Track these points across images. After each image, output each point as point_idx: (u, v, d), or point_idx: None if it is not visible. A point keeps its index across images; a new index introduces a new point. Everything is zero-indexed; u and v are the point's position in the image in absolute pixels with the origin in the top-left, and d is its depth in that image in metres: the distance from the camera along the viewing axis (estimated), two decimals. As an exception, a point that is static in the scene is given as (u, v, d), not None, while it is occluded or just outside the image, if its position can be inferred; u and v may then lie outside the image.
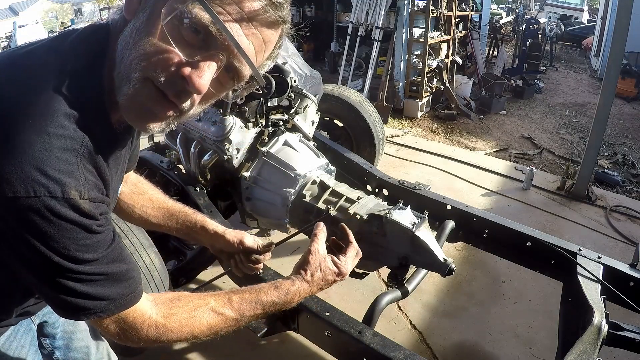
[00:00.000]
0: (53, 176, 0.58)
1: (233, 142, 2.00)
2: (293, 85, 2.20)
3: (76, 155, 0.62)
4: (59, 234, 0.60)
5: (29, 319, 1.02)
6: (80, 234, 0.63)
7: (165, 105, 0.65)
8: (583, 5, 16.54)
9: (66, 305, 0.67)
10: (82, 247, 0.64)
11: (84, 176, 0.63)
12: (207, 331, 0.82)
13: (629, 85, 7.68)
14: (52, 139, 0.59)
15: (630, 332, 1.41)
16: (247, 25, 0.63)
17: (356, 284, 2.39)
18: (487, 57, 8.98)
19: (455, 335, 2.23)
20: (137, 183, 1.12)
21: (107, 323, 0.73)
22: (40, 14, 32.44)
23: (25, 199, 0.57)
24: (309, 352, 2.05)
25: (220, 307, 0.83)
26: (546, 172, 4.37)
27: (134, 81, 0.63)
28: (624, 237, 3.05)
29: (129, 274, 0.73)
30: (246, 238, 1.11)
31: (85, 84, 0.66)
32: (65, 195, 0.59)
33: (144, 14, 0.63)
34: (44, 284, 0.66)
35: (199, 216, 1.13)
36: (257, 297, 0.87)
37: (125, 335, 0.76)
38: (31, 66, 0.66)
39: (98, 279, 0.68)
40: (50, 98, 0.62)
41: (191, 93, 0.64)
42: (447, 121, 6.00)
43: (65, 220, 0.60)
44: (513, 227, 1.84)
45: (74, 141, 0.62)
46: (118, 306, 0.72)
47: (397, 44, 5.77)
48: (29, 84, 0.63)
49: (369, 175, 2.34)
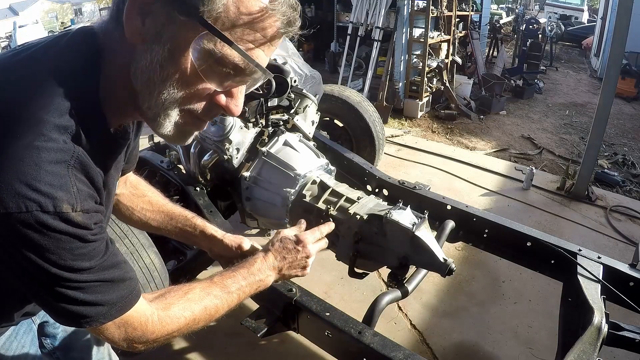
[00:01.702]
0: (44, 191, 0.58)
1: (233, 142, 2.00)
2: (293, 85, 2.20)
3: (67, 167, 0.61)
4: (54, 245, 0.60)
5: (30, 319, 1.02)
6: (75, 244, 0.63)
7: (201, 126, 0.73)
8: (583, 5, 16.54)
9: (67, 314, 0.67)
10: (78, 257, 0.64)
11: (76, 187, 0.62)
12: (204, 311, 0.86)
13: (629, 85, 7.68)
14: (41, 152, 0.59)
15: (630, 332, 1.41)
16: (269, 46, 0.68)
17: (356, 284, 2.39)
18: (487, 57, 8.98)
19: (455, 335, 2.23)
20: (136, 185, 1.11)
21: (111, 330, 0.73)
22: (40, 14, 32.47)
23: (17, 214, 0.56)
24: (309, 352, 2.05)
25: (207, 287, 0.89)
26: (546, 172, 4.37)
27: (174, 115, 0.68)
28: (624, 237, 3.05)
29: (125, 276, 0.73)
30: (245, 243, 1.11)
31: (79, 90, 0.65)
32: (57, 209, 0.59)
33: (163, 48, 0.63)
34: (44, 294, 0.66)
35: (198, 220, 1.13)
36: (234, 271, 0.96)
37: (131, 338, 0.76)
38: (22, 75, 0.65)
39: (96, 286, 0.68)
40: (39, 109, 0.61)
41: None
42: (447, 121, 6.00)
43: (58, 232, 0.60)
44: (513, 227, 1.84)
45: (64, 153, 0.61)
46: (118, 309, 0.72)
47: (397, 44, 5.77)
48: (17, 96, 0.62)
49: (369, 175, 2.33)
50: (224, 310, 0.90)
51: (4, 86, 0.63)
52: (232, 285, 0.92)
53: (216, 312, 0.89)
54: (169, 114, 0.67)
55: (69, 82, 0.64)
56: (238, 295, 0.93)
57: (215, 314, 0.88)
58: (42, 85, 0.63)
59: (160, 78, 0.64)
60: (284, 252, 1.04)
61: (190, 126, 0.71)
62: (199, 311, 0.85)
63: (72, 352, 1.14)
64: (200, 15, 0.59)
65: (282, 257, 1.03)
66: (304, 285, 1.51)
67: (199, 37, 0.61)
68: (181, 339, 2.12)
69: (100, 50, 0.67)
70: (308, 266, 1.07)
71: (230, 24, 0.61)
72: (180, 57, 0.63)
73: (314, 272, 1.14)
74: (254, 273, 0.97)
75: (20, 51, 0.68)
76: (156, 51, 0.63)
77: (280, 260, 1.02)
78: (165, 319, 0.80)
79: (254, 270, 0.98)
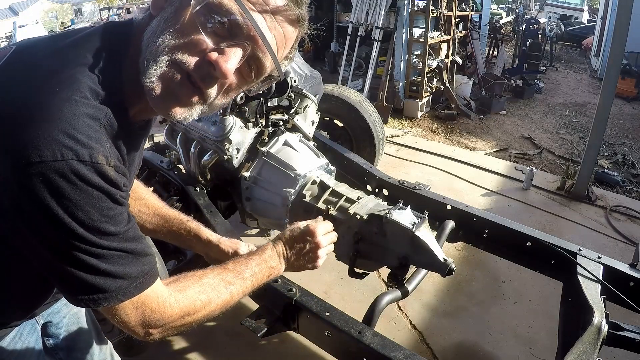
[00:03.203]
0: (81, 140, 0.58)
1: (233, 142, 2.00)
2: (293, 85, 2.20)
3: (100, 124, 0.63)
4: (84, 200, 0.60)
5: (34, 320, 1.02)
6: (105, 203, 0.62)
7: (190, 89, 0.67)
8: (583, 5, 16.55)
9: (85, 287, 0.65)
10: (105, 218, 0.63)
11: (109, 144, 0.63)
12: (219, 296, 0.85)
13: (629, 85, 7.68)
14: (79, 105, 0.60)
15: (630, 332, 1.41)
16: (271, 18, 0.68)
17: (356, 284, 2.39)
18: (487, 57, 8.98)
19: (455, 335, 2.23)
20: (135, 188, 1.11)
21: (128, 311, 0.70)
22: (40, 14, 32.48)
23: (52, 163, 0.56)
24: (309, 352, 2.05)
25: (221, 273, 0.88)
26: (546, 172, 4.37)
27: (162, 63, 0.65)
28: (624, 237, 3.05)
29: (147, 251, 0.72)
30: (241, 248, 1.11)
31: (104, 77, 0.66)
32: (93, 159, 0.59)
33: (172, 7, 0.67)
34: (61, 262, 0.63)
35: (193, 224, 1.12)
36: (246, 258, 0.96)
37: (148, 322, 0.73)
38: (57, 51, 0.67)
39: (119, 256, 0.66)
40: (76, 72, 0.63)
41: (217, 78, 0.67)
42: (447, 121, 6.00)
43: (91, 185, 0.60)
44: (513, 227, 1.84)
45: (99, 111, 0.63)
46: (138, 286, 0.70)
47: (397, 44, 5.77)
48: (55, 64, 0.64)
49: (369, 175, 2.33)
50: (239, 296, 0.90)
51: (42, 56, 0.66)
52: (246, 271, 0.92)
53: (231, 297, 0.87)
54: (158, 59, 0.65)
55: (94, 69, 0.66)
56: (252, 282, 0.93)
57: (230, 299, 0.87)
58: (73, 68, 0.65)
59: (161, 29, 0.66)
60: (293, 241, 1.03)
61: (177, 85, 0.66)
62: (214, 295, 0.84)
63: (74, 352, 1.14)
64: None
65: (290, 245, 1.03)
66: (304, 285, 1.51)
67: None
68: (181, 338, 2.12)
69: (130, 40, 0.70)
70: (319, 258, 1.05)
71: None
72: (183, 10, 0.65)
73: (314, 272, 1.13)
74: (265, 260, 0.98)
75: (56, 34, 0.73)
76: (166, 11, 0.67)
77: (289, 249, 1.02)
78: (182, 300, 0.78)
79: (266, 257, 0.98)
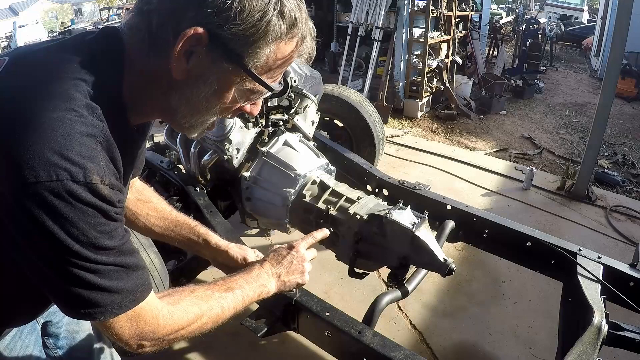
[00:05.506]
0: (75, 160, 0.59)
1: (233, 142, 2.00)
2: (293, 85, 2.20)
3: (96, 141, 0.64)
4: (79, 218, 0.61)
5: (34, 319, 1.01)
6: (99, 219, 0.63)
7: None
8: (583, 5, 16.55)
9: (80, 302, 0.66)
10: (100, 234, 0.64)
11: (105, 162, 0.64)
12: (210, 310, 0.86)
13: (629, 85, 7.68)
14: (73, 124, 0.61)
15: (630, 332, 1.41)
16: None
17: (356, 284, 2.39)
18: (487, 57, 8.98)
19: (455, 335, 2.23)
20: (142, 190, 1.12)
21: (122, 325, 0.72)
22: (40, 14, 32.47)
23: (47, 183, 0.57)
24: (309, 352, 2.05)
25: (211, 288, 0.90)
26: (546, 172, 4.36)
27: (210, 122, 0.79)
28: (624, 237, 3.05)
29: (140, 265, 0.74)
30: (249, 255, 1.11)
31: (101, 89, 0.67)
32: (87, 179, 0.60)
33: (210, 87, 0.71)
34: (58, 278, 0.64)
35: (202, 229, 1.12)
36: (235, 276, 0.97)
37: (142, 334, 0.74)
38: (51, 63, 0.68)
39: (114, 271, 0.67)
40: (70, 87, 0.64)
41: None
42: (447, 121, 6.00)
43: (85, 204, 0.61)
44: (513, 227, 1.84)
45: (94, 128, 0.64)
46: (133, 299, 0.71)
47: (397, 44, 5.77)
48: (49, 78, 0.65)
49: (369, 175, 2.33)
50: (230, 312, 0.90)
51: (36, 67, 0.68)
52: (235, 287, 0.93)
53: (222, 312, 0.88)
54: (207, 120, 0.78)
55: (93, 75, 0.67)
56: (242, 298, 0.93)
57: (222, 314, 0.88)
58: (69, 75, 0.66)
59: (204, 107, 0.75)
60: (279, 258, 1.05)
61: (211, 125, 0.82)
62: (206, 308, 0.85)
63: (74, 352, 1.14)
64: (245, 65, 0.69)
65: (277, 262, 1.04)
66: (304, 285, 1.51)
67: (242, 80, 0.72)
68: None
69: (124, 54, 0.71)
70: (306, 271, 1.07)
71: (268, 68, 0.73)
72: (223, 93, 0.73)
73: (314, 272, 1.13)
74: (254, 278, 0.98)
75: (50, 41, 0.76)
76: (202, 89, 0.72)
77: (277, 266, 1.03)
78: (175, 312, 0.79)
79: (254, 276, 0.99)
